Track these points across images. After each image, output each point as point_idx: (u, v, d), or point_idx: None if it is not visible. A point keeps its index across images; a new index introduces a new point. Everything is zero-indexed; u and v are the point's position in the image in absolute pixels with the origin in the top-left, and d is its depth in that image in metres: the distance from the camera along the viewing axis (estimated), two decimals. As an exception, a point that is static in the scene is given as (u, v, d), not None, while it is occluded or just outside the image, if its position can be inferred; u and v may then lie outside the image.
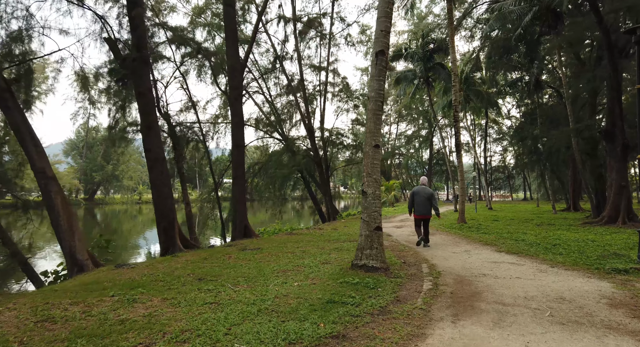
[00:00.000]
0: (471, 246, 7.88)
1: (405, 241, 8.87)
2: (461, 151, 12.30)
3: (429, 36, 24.90)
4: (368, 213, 5.09)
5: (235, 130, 10.12)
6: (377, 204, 5.13)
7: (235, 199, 10.08)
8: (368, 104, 5.29)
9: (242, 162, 10.31)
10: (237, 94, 10.16)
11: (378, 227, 5.08)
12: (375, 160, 5.17)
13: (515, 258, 6.40)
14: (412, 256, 6.53)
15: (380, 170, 5.33)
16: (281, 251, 6.93)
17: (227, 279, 4.61)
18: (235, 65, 9.99)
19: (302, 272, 5.01)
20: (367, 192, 5.13)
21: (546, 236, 9.38)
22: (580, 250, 7.10)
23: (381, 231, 5.13)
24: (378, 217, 5.10)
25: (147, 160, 7.83)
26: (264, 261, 5.91)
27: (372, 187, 5.12)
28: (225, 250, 7.16)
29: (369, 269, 4.85)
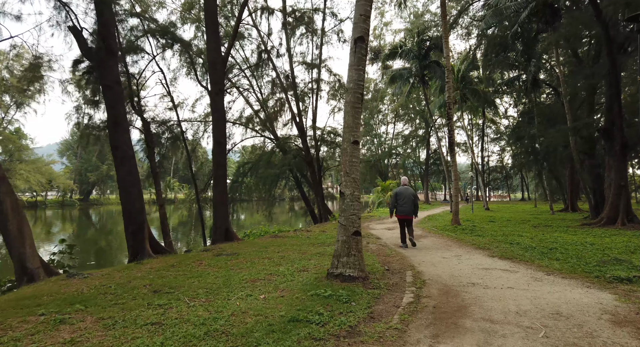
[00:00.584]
0: (463, 250, 7.42)
1: (394, 244, 8.41)
2: (455, 150, 11.85)
3: (424, 34, 24.47)
4: (345, 216, 4.62)
5: (216, 126, 9.62)
6: (356, 207, 4.66)
7: (216, 200, 9.56)
8: (346, 96, 4.82)
9: (224, 161, 9.82)
10: (218, 89, 9.65)
11: (356, 231, 4.60)
12: (354, 158, 4.70)
13: (508, 264, 5.94)
14: (398, 262, 6.06)
15: (360, 169, 4.85)
16: (259, 257, 6.45)
17: (186, 291, 4.13)
18: (216, 59, 9.49)
19: (273, 282, 4.53)
20: (345, 193, 4.66)
21: (542, 239, 8.95)
22: (578, 255, 6.65)
23: (360, 236, 4.66)
24: (357, 221, 4.63)
25: (114, 158, 7.33)
26: (235, 269, 5.43)
27: (350, 187, 4.65)
28: (199, 255, 6.67)
29: (346, 279, 4.37)
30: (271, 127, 17.83)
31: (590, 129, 15.82)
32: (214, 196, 9.88)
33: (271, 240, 9.17)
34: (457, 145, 46.99)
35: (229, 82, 18.02)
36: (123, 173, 7.09)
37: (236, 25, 10.43)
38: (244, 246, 8.00)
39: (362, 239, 4.73)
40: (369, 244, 8.20)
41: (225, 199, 9.81)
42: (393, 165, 46.56)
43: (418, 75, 25.29)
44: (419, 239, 9.20)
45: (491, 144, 48.33)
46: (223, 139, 9.81)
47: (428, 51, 24.43)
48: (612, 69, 12.24)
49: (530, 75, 21.22)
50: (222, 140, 9.76)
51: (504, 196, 57.33)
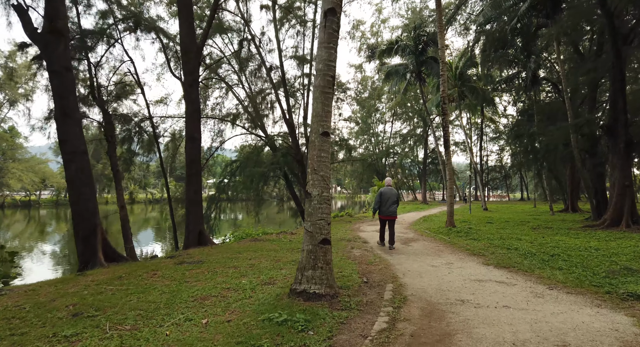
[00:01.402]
0: (455, 257, 6.72)
1: (382, 249, 7.70)
2: (450, 147, 11.15)
3: (421, 28, 23.74)
4: (312, 221, 3.91)
5: (190, 120, 8.89)
6: (325, 210, 3.95)
7: (189, 200, 8.83)
8: (314, 79, 4.11)
9: (198, 158, 9.10)
10: (192, 80, 8.92)
11: (325, 240, 3.89)
12: (323, 152, 3.99)
13: (505, 274, 5.25)
14: (380, 272, 5.36)
15: (330, 166, 4.14)
16: (225, 265, 5.75)
17: (114, 315, 3.41)
18: (189, 47, 8.76)
19: (226, 300, 3.83)
20: (312, 194, 3.95)
21: (543, 243, 8.26)
22: (583, 262, 5.96)
23: (329, 246, 3.95)
24: (325, 227, 3.92)
25: (62, 154, 6.56)
26: (192, 281, 4.72)
27: (318, 186, 3.94)
28: (157, 264, 5.96)
29: (310, 297, 3.66)
30: (260, 123, 17.11)
31: (592, 126, 15.15)
32: (186, 195, 9.14)
33: (249, 244, 8.46)
34: (456, 145, 46.36)
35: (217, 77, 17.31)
36: (73, 170, 6.34)
37: (212, 10, 9.61)
38: (215, 251, 7.29)
39: (331, 249, 4.02)
40: (353, 250, 7.50)
41: (200, 200, 9.08)
42: (391, 165, 45.84)
43: (415, 72, 24.58)
44: (409, 243, 8.52)
45: (490, 143, 47.75)
46: (198, 134, 9.08)
47: (425, 47, 23.70)
48: (617, 61, 11.54)
49: (530, 72, 20.55)
50: (197, 135, 9.03)
51: (502, 195, 56.73)
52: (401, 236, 9.81)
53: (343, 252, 7.15)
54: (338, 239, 9.21)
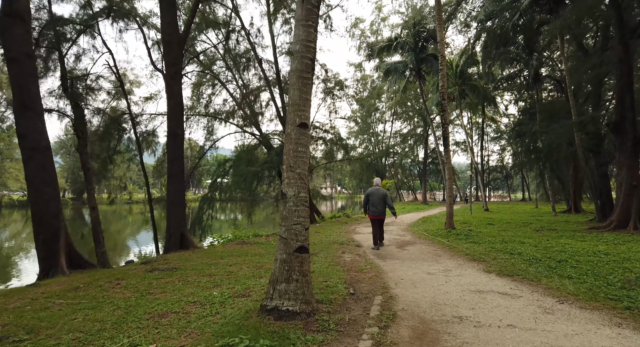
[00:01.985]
0: (454, 262, 6.20)
1: (375, 253, 7.18)
2: (449, 146, 10.62)
3: (421, 25, 23.20)
4: (287, 226, 3.39)
5: (172, 115, 8.36)
6: (302, 213, 3.43)
7: (170, 201, 8.29)
8: (291, 62, 3.60)
9: (180, 155, 8.57)
10: (174, 72, 8.40)
11: (301, 247, 3.37)
12: (300, 147, 3.48)
13: (508, 284, 4.72)
14: (370, 281, 4.84)
15: (309, 163, 3.63)
16: (200, 273, 5.23)
17: (48, 338, 2.91)
18: (171, 37, 8.23)
19: (186, 319, 3.31)
20: (287, 194, 3.44)
21: (548, 247, 7.73)
22: (594, 270, 5.43)
23: (306, 254, 3.43)
24: (302, 233, 3.40)
25: (21, 149, 6.03)
26: (156, 293, 4.21)
27: (294, 186, 3.43)
28: (124, 272, 5.44)
29: (282, 316, 3.14)
30: (255, 121, 16.59)
31: (597, 124, 14.59)
32: (167, 195, 8.60)
33: (234, 248, 7.95)
34: (456, 144, 45.80)
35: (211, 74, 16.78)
36: (33, 168, 5.81)
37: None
38: (195, 256, 6.77)
39: (309, 258, 3.50)
40: (344, 254, 6.97)
41: (182, 200, 8.55)
42: (390, 165, 45.29)
43: (414, 69, 24.04)
44: (405, 247, 8.00)
45: (491, 143, 47.18)
46: (180, 130, 8.55)
47: (425, 44, 23.18)
48: (625, 55, 11.01)
49: (532, 69, 20.03)
50: (179, 131, 8.50)
51: (504, 196, 56.19)
52: (397, 239, 9.30)
53: (333, 257, 6.64)
54: (330, 242, 8.71)
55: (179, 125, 8.50)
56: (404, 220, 16.38)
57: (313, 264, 5.94)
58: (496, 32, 18.06)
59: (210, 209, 16.08)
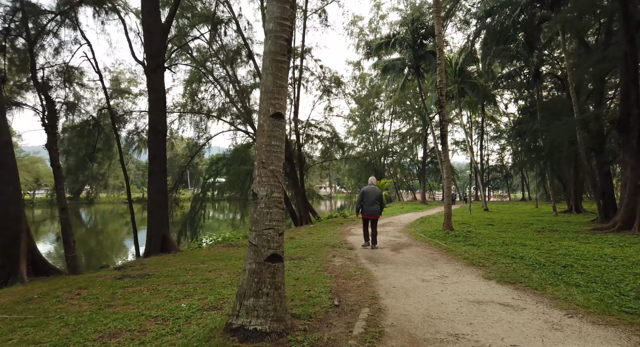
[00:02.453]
0: (451, 267, 5.77)
1: (368, 257, 6.75)
2: (447, 143, 10.19)
3: (419, 21, 22.75)
4: (257, 231, 2.96)
5: (153, 110, 7.92)
6: (275, 215, 3.00)
7: (151, 201, 7.84)
8: (264, 44, 3.16)
9: (162, 153, 8.11)
10: (156, 65, 7.95)
11: (274, 256, 2.94)
12: (274, 140, 3.04)
13: (510, 293, 4.29)
14: (358, 289, 4.40)
15: (284, 158, 3.20)
16: (173, 280, 4.81)
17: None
18: (152, 27, 7.79)
19: (140, 339, 2.88)
20: (258, 195, 3.00)
21: (551, 250, 7.31)
22: (602, 276, 5.01)
23: (280, 263, 3.00)
24: (275, 239, 2.96)
25: None
26: (117, 305, 3.78)
27: (267, 185, 2.99)
28: (90, 280, 5.01)
29: (249, 336, 2.70)
30: (248, 118, 16.15)
31: (600, 121, 14.17)
32: (148, 195, 8.15)
33: (220, 251, 7.52)
34: (456, 144, 45.37)
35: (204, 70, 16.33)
36: (-10, 165, 5.41)
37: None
38: (175, 260, 6.34)
39: (283, 268, 3.06)
40: (335, 258, 6.54)
41: (164, 200, 8.10)
42: (389, 164, 44.87)
43: (413, 67, 23.59)
44: (400, 250, 7.57)
45: (490, 142, 46.77)
46: (162, 126, 8.10)
47: (423, 40, 22.73)
48: (630, 49, 10.58)
49: (533, 66, 19.62)
50: (161, 127, 8.05)
51: (503, 195, 55.82)
52: (393, 241, 8.87)
53: (322, 261, 6.21)
54: (321, 245, 8.28)
55: (161, 120, 8.06)
56: (401, 220, 15.96)
57: (299, 269, 5.51)
58: (496, 28, 17.66)
59: (202, 209, 15.69)
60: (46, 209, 53.11)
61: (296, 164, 16.18)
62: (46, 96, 7.65)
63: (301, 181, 16.40)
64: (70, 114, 8.97)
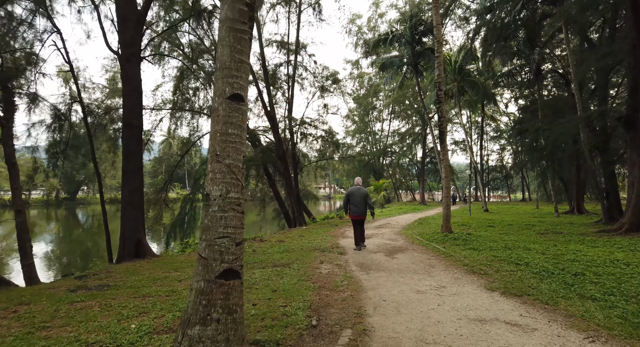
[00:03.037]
0: (449, 276, 5.20)
1: (359, 263, 6.18)
2: (445, 141, 9.64)
3: (418, 17, 22.20)
4: (208, 241, 2.39)
5: (127, 103, 7.34)
6: (232, 221, 2.43)
7: (124, 202, 7.24)
8: (220, 10, 2.60)
9: (138, 150, 7.50)
10: (130, 54, 7.37)
11: (229, 271, 2.37)
12: (232, 127, 2.48)
13: (517, 308, 3.73)
14: (343, 304, 3.83)
15: (245, 150, 2.63)
16: (134, 293, 4.24)
17: None
18: (127, 13, 7.22)
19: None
20: (211, 195, 2.44)
21: (558, 255, 6.75)
22: (620, 287, 4.45)
23: (237, 280, 2.42)
24: (231, 250, 2.39)
25: None
26: (54, 327, 3.21)
27: (221, 183, 2.43)
28: (39, 292, 4.43)
29: (191, 373, 2.14)
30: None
31: (605, 118, 13.62)
32: (122, 196, 7.55)
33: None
34: (455, 144, 44.82)
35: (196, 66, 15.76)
36: None
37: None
38: (147, 267, 5.76)
39: (242, 286, 2.48)
40: (322, 264, 5.97)
41: (139, 201, 7.49)
42: (388, 164, 44.34)
43: (411, 64, 23.04)
44: (395, 254, 7.01)
45: (490, 142, 46.24)
46: (137, 121, 7.50)
47: (422, 36, 22.18)
48: (639, 41, 10.04)
49: (534, 64, 19.10)
50: (136, 122, 7.45)
51: (503, 196, 55.33)
52: (388, 245, 8.31)
53: (307, 268, 5.64)
54: (311, 249, 7.71)
55: (136, 115, 7.47)
56: (399, 222, 15.42)
57: (280, 278, 4.95)
58: (496, 25, 17.16)
59: (192, 211, 15.12)
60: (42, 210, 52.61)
61: (290, 164, 15.62)
62: (3, 86, 7.03)
63: (295, 180, 15.84)
64: (33, 107, 8.41)
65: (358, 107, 43.29)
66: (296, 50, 16.02)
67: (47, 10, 7.98)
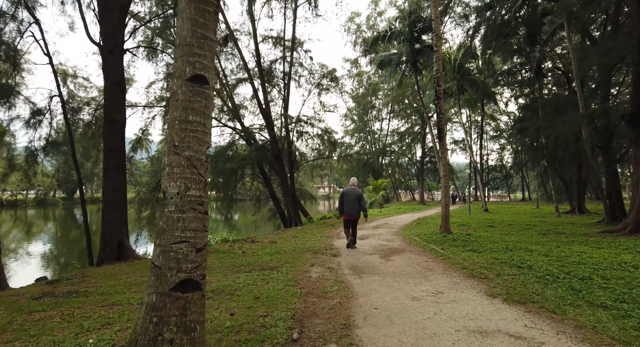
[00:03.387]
0: (447, 280, 4.86)
1: (352, 266, 5.84)
2: (444, 138, 9.30)
3: (417, 13, 21.84)
4: (163, 246, 2.05)
5: (109, 97, 7.00)
6: (191, 223, 2.08)
7: (106, 202, 6.89)
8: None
9: (121, 147, 7.16)
10: (113, 45, 7.02)
11: (187, 282, 2.02)
12: (193, 114, 2.13)
13: (521, 317, 3.39)
14: (330, 313, 3.49)
15: (210, 140, 2.28)
16: (104, 301, 3.90)
17: None
18: (108, 3, 6.87)
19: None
20: (167, 193, 2.09)
21: (562, 257, 6.42)
22: (632, 293, 4.11)
23: (198, 293, 2.08)
24: (189, 257, 2.05)
25: None
26: (1, 342, 2.86)
27: (179, 178, 2.08)
28: (2, 298, 4.09)
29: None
30: (236, 114, 15.23)
31: (609, 116, 13.29)
32: (103, 195, 7.19)
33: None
34: (455, 143, 44.48)
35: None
36: None
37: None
38: (126, 271, 5.41)
39: (202, 298, 2.14)
40: (313, 267, 5.63)
41: (121, 201, 7.12)
42: (387, 164, 44.01)
43: (410, 61, 22.69)
44: (390, 256, 6.67)
45: (490, 141, 45.93)
46: (120, 116, 7.13)
47: (421, 33, 21.83)
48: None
49: (535, 61, 18.77)
50: (119, 117, 7.07)
51: (503, 196, 55.06)
52: (384, 246, 7.97)
53: (297, 271, 5.30)
54: (303, 250, 7.37)
55: (118, 109, 7.10)
56: (397, 222, 15.09)
57: (266, 283, 4.60)
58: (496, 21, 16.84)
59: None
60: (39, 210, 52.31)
61: (286, 163, 15.28)
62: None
63: (291, 179, 15.50)
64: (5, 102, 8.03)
65: (357, 106, 42.99)
66: (292, 47, 15.67)
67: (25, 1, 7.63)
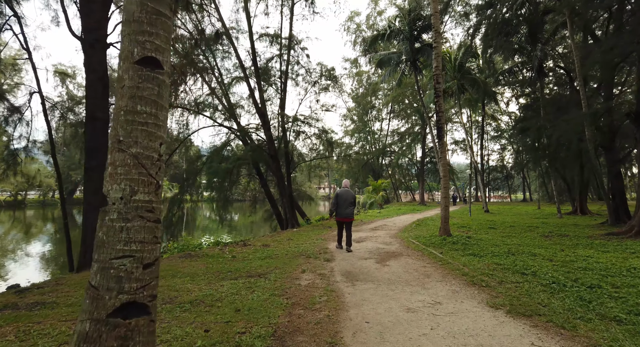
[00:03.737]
0: (446, 288, 4.53)
1: (345, 272, 5.50)
2: (444, 137, 8.97)
3: (416, 11, 21.52)
4: (102, 262, 1.72)
5: (91, 94, 6.67)
6: (137, 234, 1.76)
7: (87, 204, 6.57)
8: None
9: (103, 146, 6.83)
10: (94, 39, 6.69)
11: (131, 306, 1.69)
12: (142, 103, 1.81)
13: (527, 334, 3.05)
14: (316, 327, 3.16)
15: (164, 135, 1.94)
16: (69, 315, 3.59)
17: None
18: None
19: None
20: (109, 197, 1.77)
21: (567, 262, 6.08)
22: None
23: (145, 318, 1.74)
24: (135, 274, 1.72)
25: None
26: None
27: (124, 180, 1.77)
28: None
29: None
30: (232, 113, 14.91)
31: (612, 115, 12.95)
32: (84, 197, 6.86)
33: (171, 263, 6.28)
34: (455, 143, 44.14)
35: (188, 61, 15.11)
36: None
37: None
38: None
39: (153, 325, 1.80)
40: (304, 274, 5.29)
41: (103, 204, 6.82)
42: (387, 164, 43.67)
43: (409, 60, 22.35)
44: (387, 261, 6.33)
45: (491, 141, 45.58)
46: (102, 113, 6.79)
47: (421, 32, 21.50)
48: (650, 31, 9.38)
49: (536, 60, 18.45)
50: (101, 114, 6.74)
51: (504, 196, 54.68)
52: (381, 249, 7.63)
53: (285, 279, 4.96)
54: (296, 254, 7.04)
55: (101, 107, 6.78)
56: (396, 223, 14.73)
57: (251, 292, 4.27)
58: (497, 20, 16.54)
59: (180, 212, 14.46)
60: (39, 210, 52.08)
61: (283, 163, 14.96)
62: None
63: (288, 180, 15.16)
64: None
65: (357, 106, 42.71)
66: (289, 45, 15.35)
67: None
